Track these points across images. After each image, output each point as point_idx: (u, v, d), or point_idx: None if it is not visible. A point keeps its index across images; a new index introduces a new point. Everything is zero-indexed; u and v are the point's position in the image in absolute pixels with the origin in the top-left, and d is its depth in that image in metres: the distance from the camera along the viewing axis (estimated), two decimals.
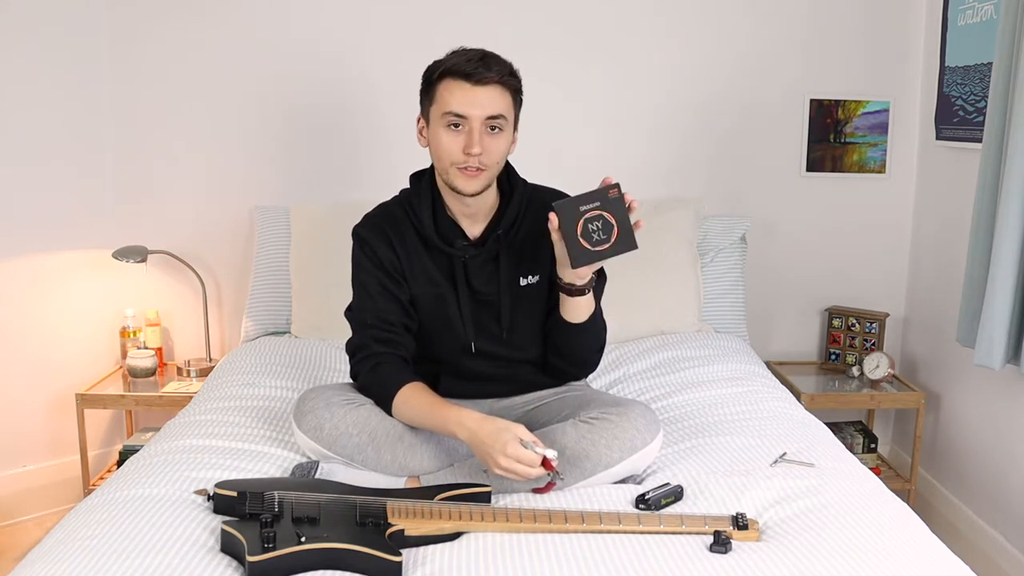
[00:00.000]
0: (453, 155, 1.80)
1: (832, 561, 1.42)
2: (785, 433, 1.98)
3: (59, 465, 2.99)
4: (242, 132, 3.03)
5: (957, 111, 2.81)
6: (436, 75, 1.81)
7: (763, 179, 3.14)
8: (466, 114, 1.77)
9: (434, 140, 1.83)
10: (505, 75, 1.80)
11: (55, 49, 2.85)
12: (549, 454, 1.62)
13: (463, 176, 1.81)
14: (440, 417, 1.73)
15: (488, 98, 1.78)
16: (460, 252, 1.89)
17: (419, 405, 1.78)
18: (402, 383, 1.81)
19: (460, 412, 1.71)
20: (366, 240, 1.92)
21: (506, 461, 1.60)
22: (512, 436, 1.62)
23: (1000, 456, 2.61)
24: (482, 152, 1.78)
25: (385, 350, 1.86)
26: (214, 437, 1.93)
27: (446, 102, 1.79)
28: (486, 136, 1.79)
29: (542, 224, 1.91)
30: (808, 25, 3.06)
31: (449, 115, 1.78)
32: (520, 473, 1.61)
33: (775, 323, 3.24)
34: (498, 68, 1.79)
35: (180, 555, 1.41)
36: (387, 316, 1.88)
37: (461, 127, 1.79)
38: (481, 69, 1.77)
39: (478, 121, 1.78)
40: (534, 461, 1.61)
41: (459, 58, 1.79)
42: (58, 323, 2.95)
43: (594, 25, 3.02)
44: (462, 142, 1.79)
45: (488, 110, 1.78)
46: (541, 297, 1.94)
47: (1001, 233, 2.29)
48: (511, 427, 1.64)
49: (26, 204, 2.84)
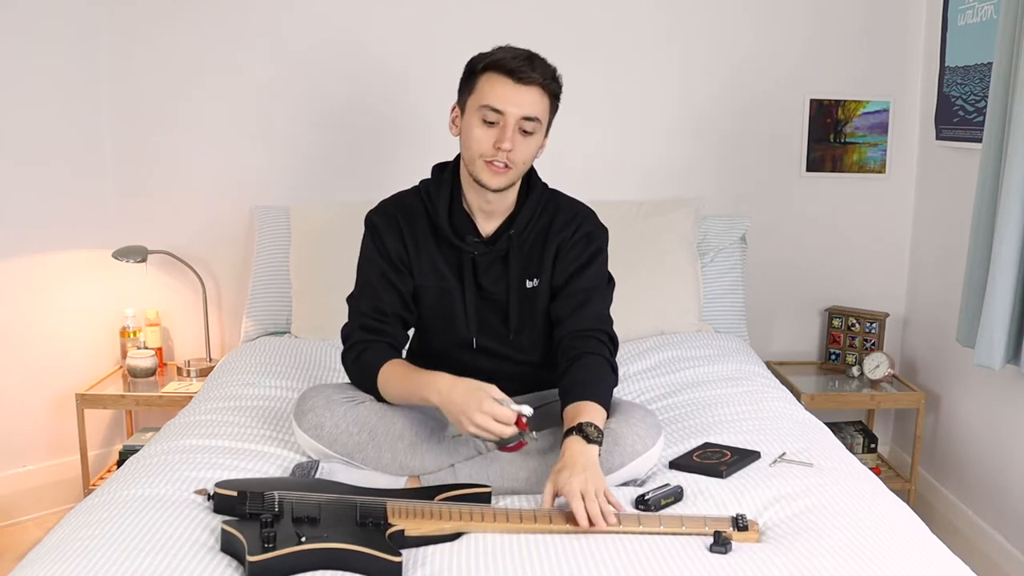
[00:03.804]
0: (483, 148, 1.80)
1: (832, 561, 1.42)
2: (785, 433, 1.98)
3: (59, 465, 2.99)
4: (242, 132, 3.03)
5: (957, 111, 2.81)
6: (480, 67, 1.80)
7: (763, 179, 3.14)
8: (503, 110, 1.77)
9: (466, 130, 1.83)
10: (548, 79, 1.80)
11: (56, 49, 2.85)
12: (525, 410, 1.63)
13: (488, 170, 1.81)
14: (415, 385, 1.75)
15: (527, 98, 1.78)
16: (470, 248, 1.90)
17: (397, 379, 1.80)
18: (382, 363, 1.83)
19: (433, 376, 1.73)
20: (377, 227, 1.93)
21: (482, 418, 1.61)
22: (486, 394, 1.63)
23: (1000, 456, 2.61)
24: (512, 149, 1.78)
25: (372, 338, 1.87)
26: (214, 437, 1.93)
27: (485, 95, 1.78)
28: (518, 135, 1.79)
29: (550, 228, 1.92)
30: (808, 25, 3.06)
31: (486, 108, 1.78)
32: (494, 431, 1.62)
33: (775, 323, 3.23)
34: (542, 70, 1.79)
35: (180, 555, 1.41)
36: (382, 306, 1.89)
37: (496, 122, 1.78)
38: (525, 68, 1.76)
39: (513, 119, 1.77)
40: (509, 418, 1.63)
41: (506, 54, 1.79)
42: (58, 323, 2.95)
43: (594, 25, 3.02)
44: (494, 136, 1.78)
45: (525, 110, 1.78)
46: (543, 301, 1.95)
47: (1001, 233, 2.29)
48: (484, 386, 1.66)
49: (26, 204, 2.84)
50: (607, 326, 1.92)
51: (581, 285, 1.92)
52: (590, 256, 1.94)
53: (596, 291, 1.93)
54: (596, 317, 1.91)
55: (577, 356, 1.84)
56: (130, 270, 3.01)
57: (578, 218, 1.96)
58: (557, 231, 1.93)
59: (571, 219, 1.95)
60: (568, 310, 1.90)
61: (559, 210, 1.96)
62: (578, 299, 1.91)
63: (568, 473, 1.58)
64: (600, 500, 1.54)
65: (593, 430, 1.66)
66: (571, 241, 1.93)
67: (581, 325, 1.89)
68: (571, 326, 1.89)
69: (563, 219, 1.95)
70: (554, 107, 1.86)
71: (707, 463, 1.80)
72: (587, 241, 1.94)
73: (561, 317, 1.91)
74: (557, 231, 1.93)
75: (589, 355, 1.84)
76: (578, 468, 1.58)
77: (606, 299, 1.95)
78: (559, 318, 1.92)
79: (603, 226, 1.99)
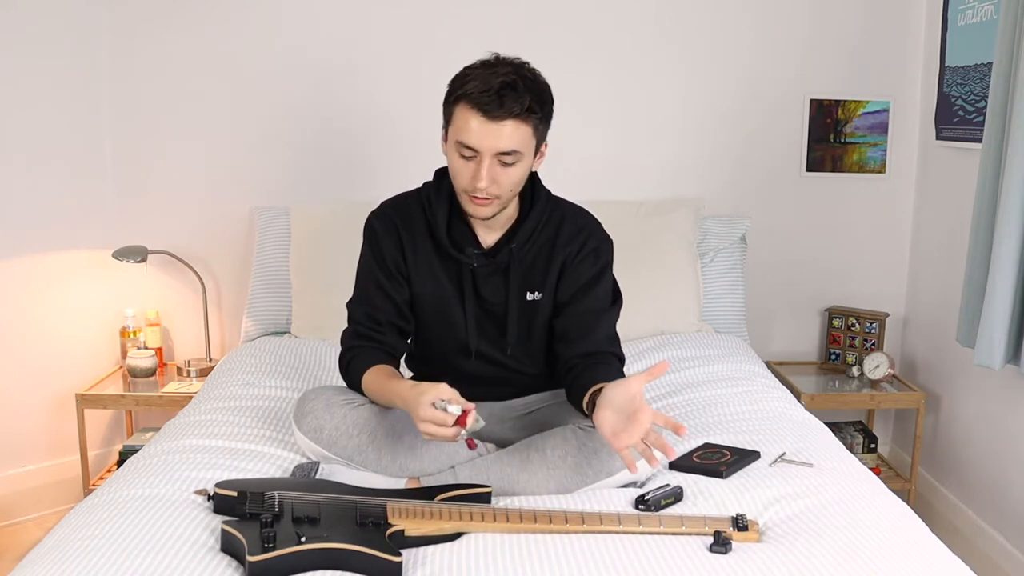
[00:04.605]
0: (463, 183, 1.75)
1: (832, 561, 1.42)
2: (785, 433, 1.98)
3: (59, 465, 2.99)
4: (242, 132, 3.03)
5: (957, 111, 2.81)
6: (455, 96, 1.72)
7: (763, 179, 3.14)
8: (476, 147, 1.70)
9: (449, 159, 1.78)
10: (523, 110, 1.69)
11: (55, 49, 2.85)
12: (452, 409, 1.59)
13: (472, 203, 1.77)
14: (387, 394, 1.75)
15: (502, 132, 1.69)
16: (470, 260, 1.86)
17: (375, 388, 1.80)
18: (365, 370, 1.83)
19: (397, 384, 1.73)
20: (376, 233, 1.91)
21: (424, 425, 1.60)
22: (426, 399, 1.60)
23: (1000, 456, 2.61)
24: (491, 184, 1.73)
25: (363, 344, 1.87)
26: (214, 437, 1.92)
27: (459, 129, 1.71)
28: (496, 167, 1.72)
29: (555, 241, 1.89)
30: (808, 25, 3.06)
31: (460, 144, 1.72)
32: (436, 435, 1.60)
33: (775, 323, 3.24)
34: (516, 104, 1.67)
35: (180, 555, 1.41)
36: (376, 315, 1.88)
37: (472, 157, 1.72)
38: (494, 106, 1.66)
39: (488, 155, 1.70)
40: (446, 420, 1.59)
41: (479, 85, 1.68)
42: (58, 323, 2.95)
43: (595, 26, 3.02)
44: (472, 170, 1.73)
45: (501, 145, 1.69)
46: (544, 314, 1.92)
47: (1001, 233, 2.29)
48: (430, 389, 1.62)
49: (26, 204, 2.84)
50: (615, 347, 1.89)
51: (590, 305, 1.88)
52: (598, 273, 1.89)
53: (605, 312, 1.89)
54: (606, 339, 1.87)
55: (587, 367, 1.80)
56: (130, 270, 3.01)
57: (585, 231, 1.90)
58: (563, 244, 1.89)
59: (577, 232, 1.90)
60: (576, 331, 1.86)
61: (564, 221, 1.90)
62: (586, 320, 1.87)
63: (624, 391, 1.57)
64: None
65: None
66: (578, 257, 1.89)
67: (593, 347, 1.85)
68: (582, 347, 1.85)
69: (569, 231, 1.89)
70: (542, 127, 1.77)
71: (707, 463, 1.80)
72: (595, 257, 1.89)
73: (568, 338, 1.87)
74: (563, 244, 1.89)
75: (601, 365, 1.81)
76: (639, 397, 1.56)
77: (614, 318, 1.91)
78: (565, 338, 1.88)
79: (609, 238, 1.94)
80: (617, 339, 1.91)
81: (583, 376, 1.78)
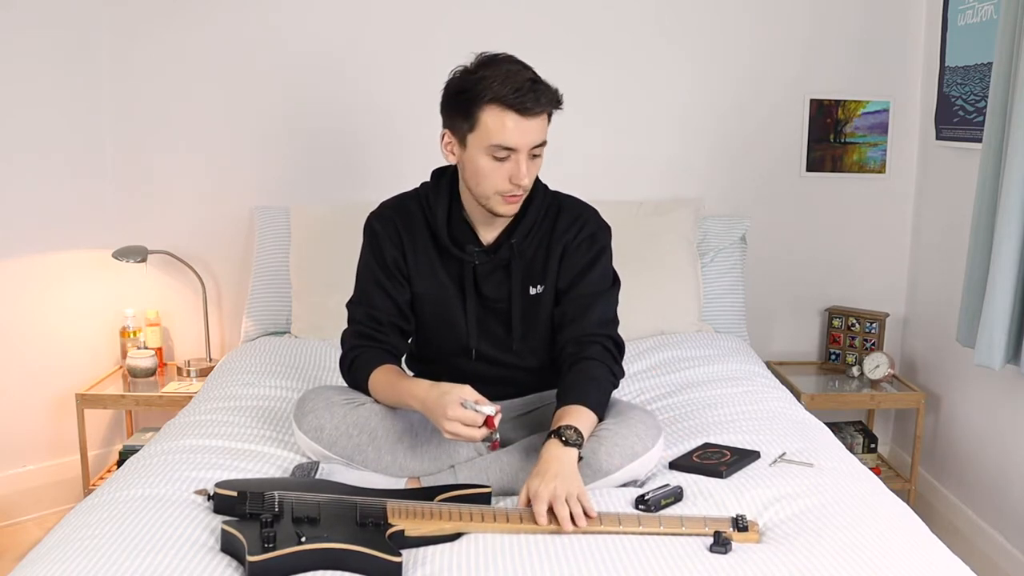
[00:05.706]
0: (498, 185, 1.75)
1: (832, 561, 1.42)
2: (785, 433, 1.98)
3: (59, 465, 2.99)
4: (242, 132, 3.03)
5: (957, 111, 2.81)
6: (481, 101, 1.70)
7: (763, 179, 3.14)
8: (516, 147, 1.71)
9: (473, 166, 1.76)
10: (553, 102, 1.74)
11: (56, 48, 2.85)
12: (486, 410, 1.62)
13: (506, 203, 1.78)
14: (399, 393, 1.76)
15: (535, 127, 1.72)
16: (471, 257, 1.87)
17: (384, 387, 1.81)
18: (372, 370, 1.83)
19: (413, 383, 1.74)
20: (376, 234, 1.91)
21: (451, 424, 1.62)
22: (453, 398, 1.63)
23: (1000, 456, 2.61)
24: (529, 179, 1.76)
25: (365, 344, 1.88)
26: (214, 437, 1.93)
27: (493, 134, 1.70)
28: (528, 161, 1.75)
29: (553, 232, 1.90)
30: (808, 25, 3.06)
31: (496, 147, 1.71)
32: (463, 435, 1.62)
33: (775, 323, 3.24)
34: (547, 98, 1.72)
35: (180, 555, 1.41)
36: (377, 315, 1.89)
37: (506, 158, 1.73)
38: (531, 102, 1.69)
39: (525, 151, 1.73)
40: (476, 420, 1.62)
41: (507, 85, 1.68)
42: (58, 323, 2.95)
43: (595, 26, 3.02)
44: (507, 171, 1.73)
45: (535, 139, 1.73)
46: (547, 307, 1.92)
47: (1001, 233, 2.29)
48: (454, 389, 1.65)
49: (26, 204, 2.84)
50: (611, 330, 1.89)
51: (585, 289, 1.89)
52: (594, 257, 1.90)
53: (600, 295, 1.90)
54: (599, 322, 1.88)
55: (575, 362, 1.82)
56: (130, 270, 3.01)
57: (581, 219, 1.92)
58: (561, 234, 1.90)
59: (574, 220, 1.92)
60: (571, 315, 1.88)
61: (561, 212, 1.92)
62: (581, 304, 1.88)
63: (539, 480, 1.56)
64: (572, 503, 1.52)
65: (572, 433, 1.65)
66: (575, 243, 1.90)
67: (583, 331, 1.86)
68: (573, 332, 1.86)
69: (566, 221, 1.91)
70: None
71: (707, 463, 1.80)
72: (591, 242, 1.91)
73: (564, 322, 1.89)
74: (561, 234, 1.90)
75: (587, 360, 1.82)
76: (549, 475, 1.56)
77: (611, 301, 1.92)
78: (562, 323, 1.89)
79: (606, 224, 1.96)
80: (615, 322, 1.91)
81: (564, 380, 1.81)
